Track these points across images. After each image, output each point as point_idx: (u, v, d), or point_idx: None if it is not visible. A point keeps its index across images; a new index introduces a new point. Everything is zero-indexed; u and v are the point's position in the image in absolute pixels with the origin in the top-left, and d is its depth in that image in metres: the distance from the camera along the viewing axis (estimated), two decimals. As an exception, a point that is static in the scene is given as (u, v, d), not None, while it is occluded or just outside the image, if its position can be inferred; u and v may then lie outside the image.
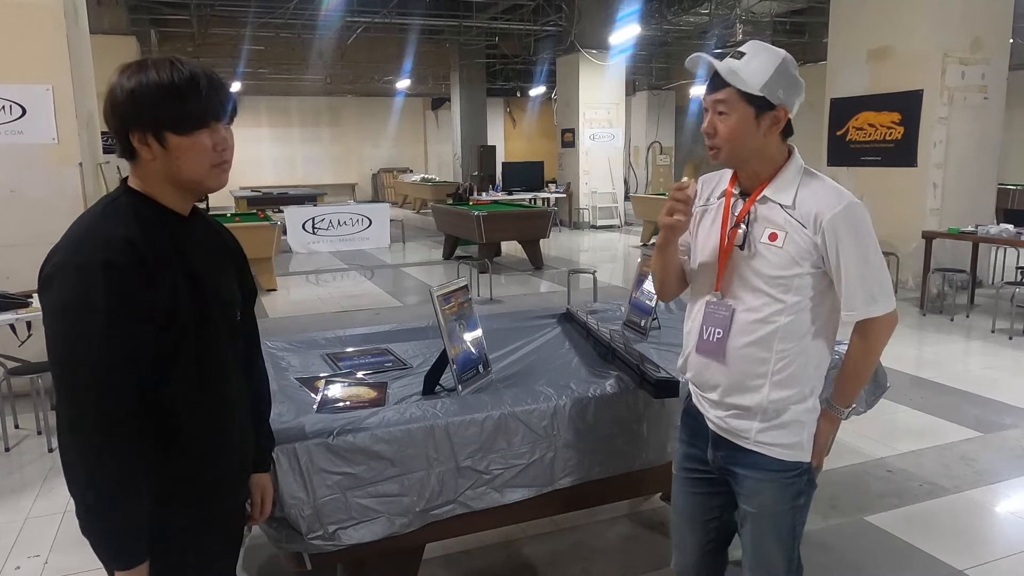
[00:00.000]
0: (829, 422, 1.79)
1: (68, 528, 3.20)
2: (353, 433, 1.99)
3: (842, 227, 1.62)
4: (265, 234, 8.69)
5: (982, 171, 8.10)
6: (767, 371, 1.70)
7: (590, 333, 2.96)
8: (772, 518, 1.77)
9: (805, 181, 1.70)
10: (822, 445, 1.78)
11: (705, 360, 1.78)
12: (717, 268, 1.75)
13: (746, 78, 1.62)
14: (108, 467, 1.26)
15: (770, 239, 1.67)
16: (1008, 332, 6.39)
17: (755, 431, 1.73)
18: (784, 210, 1.67)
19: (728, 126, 1.64)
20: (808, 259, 1.65)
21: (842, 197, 1.65)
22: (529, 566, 2.90)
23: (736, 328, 1.72)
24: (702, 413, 1.84)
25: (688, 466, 1.91)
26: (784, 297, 1.67)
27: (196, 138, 1.35)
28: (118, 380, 1.26)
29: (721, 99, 1.64)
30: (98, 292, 1.24)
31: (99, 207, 1.37)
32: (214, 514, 1.47)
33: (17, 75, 4.73)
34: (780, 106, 1.66)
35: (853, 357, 1.75)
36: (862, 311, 1.66)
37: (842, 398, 1.79)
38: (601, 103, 14.80)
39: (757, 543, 1.80)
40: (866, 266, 1.64)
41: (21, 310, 4.01)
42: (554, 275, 9.69)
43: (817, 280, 1.67)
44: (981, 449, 3.99)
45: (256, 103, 22.63)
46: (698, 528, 1.92)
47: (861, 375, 1.79)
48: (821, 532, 3.11)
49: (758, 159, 1.70)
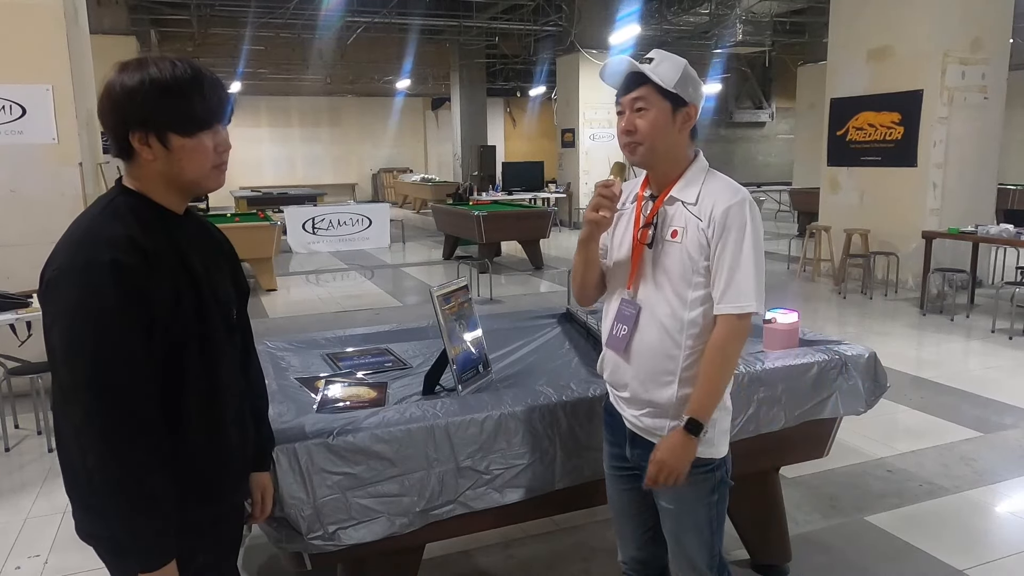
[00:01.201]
0: (673, 433, 1.71)
1: (68, 528, 3.19)
2: (353, 433, 1.99)
3: (731, 218, 1.68)
4: (265, 234, 8.68)
5: (982, 171, 8.10)
6: (676, 367, 1.75)
7: (590, 333, 2.96)
8: (689, 514, 1.82)
9: (708, 180, 1.77)
10: (658, 459, 1.70)
11: (616, 358, 1.84)
12: (630, 267, 1.80)
13: (662, 75, 1.69)
14: (137, 469, 1.25)
15: (672, 236, 1.74)
16: (1008, 332, 6.39)
17: (668, 428, 1.77)
18: (686, 207, 1.74)
19: (648, 121, 1.71)
20: (703, 253, 1.70)
21: (738, 192, 1.72)
22: (529, 566, 2.90)
23: (643, 324, 1.77)
24: (619, 412, 1.89)
25: (613, 464, 1.97)
26: (687, 293, 1.73)
27: (199, 139, 1.35)
28: (137, 379, 1.26)
29: (640, 96, 1.71)
30: (108, 292, 1.24)
31: (96, 208, 1.36)
32: (213, 513, 1.46)
33: (17, 75, 4.73)
34: (691, 103, 1.73)
35: (706, 359, 1.71)
36: (724, 304, 1.69)
37: (693, 404, 1.70)
38: (601, 103, 14.78)
39: (677, 538, 1.86)
40: (740, 259, 1.67)
41: (21, 310, 4.01)
42: (554, 275, 9.69)
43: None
44: (981, 449, 3.99)
45: (256, 103, 22.63)
46: (634, 520, 1.98)
47: (718, 380, 1.71)
48: (821, 532, 3.11)
49: (670, 159, 1.77)
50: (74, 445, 1.31)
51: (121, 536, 1.29)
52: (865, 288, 8.13)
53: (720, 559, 1.89)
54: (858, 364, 2.61)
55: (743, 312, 1.68)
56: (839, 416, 2.66)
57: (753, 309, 1.69)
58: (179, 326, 1.34)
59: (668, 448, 1.71)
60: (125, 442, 1.25)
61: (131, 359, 1.25)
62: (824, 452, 2.79)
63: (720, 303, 1.70)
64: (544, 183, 16.23)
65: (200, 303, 1.39)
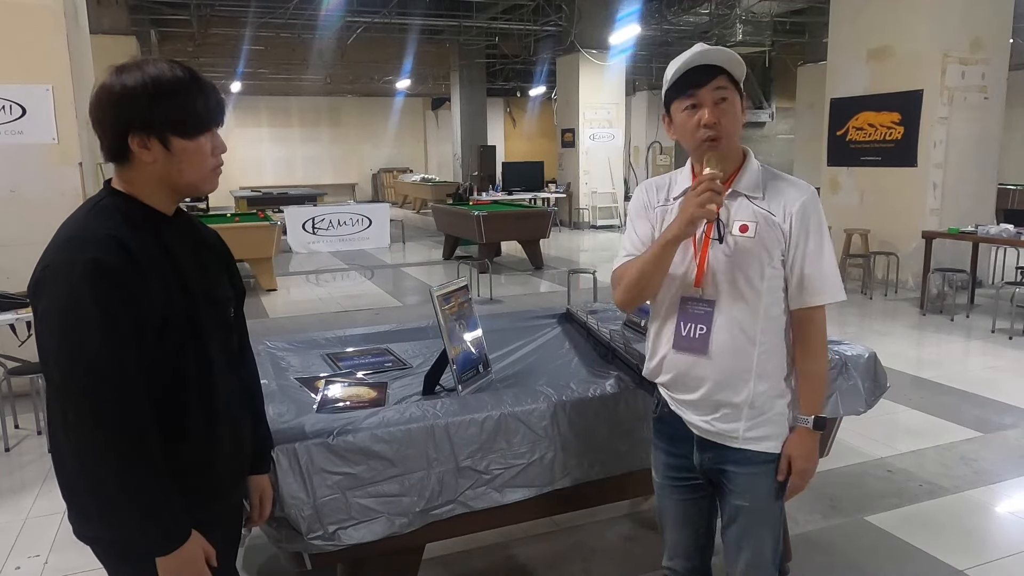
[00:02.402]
0: (803, 437, 1.75)
1: (68, 528, 3.18)
2: (353, 433, 1.99)
3: (809, 212, 1.69)
4: (265, 234, 8.69)
5: (982, 171, 8.10)
6: (751, 364, 1.72)
7: (590, 333, 2.96)
8: (765, 510, 1.79)
9: (765, 173, 1.76)
10: (801, 468, 1.74)
11: (689, 358, 1.75)
12: (695, 264, 1.73)
13: (734, 69, 1.67)
14: (134, 467, 1.26)
15: (741, 231, 1.70)
16: (1008, 332, 6.39)
17: (743, 430, 1.74)
18: (752, 202, 1.71)
19: (732, 113, 1.67)
20: (778, 247, 1.69)
21: (807, 187, 1.74)
22: (529, 566, 2.90)
23: (720, 322, 1.72)
24: (680, 418, 1.82)
25: (671, 474, 1.89)
26: (762, 287, 1.70)
27: (199, 142, 1.35)
28: (127, 379, 1.26)
29: (722, 86, 1.66)
30: (93, 292, 1.23)
31: (83, 210, 1.36)
32: (212, 513, 1.46)
33: (17, 75, 4.73)
34: (744, 94, 1.72)
35: (812, 356, 1.75)
36: (817, 296, 1.71)
37: (811, 404, 1.75)
38: (601, 103, 14.80)
39: (750, 536, 1.81)
40: (823, 251, 1.70)
41: (21, 310, 4.02)
42: (554, 275, 9.69)
43: (784, 270, 1.72)
44: (981, 449, 3.99)
45: (256, 103, 22.65)
46: (688, 529, 1.92)
47: (826, 372, 1.79)
48: (821, 532, 3.11)
49: (735, 152, 1.75)
50: (68, 445, 1.31)
51: (137, 524, 1.29)
52: (865, 288, 8.13)
53: (782, 551, 1.87)
54: (858, 364, 2.61)
55: (835, 301, 1.72)
56: (839, 416, 2.66)
57: (843, 296, 1.73)
58: (169, 326, 1.33)
59: (803, 452, 1.73)
60: (119, 441, 1.25)
61: (119, 359, 1.25)
62: (824, 452, 2.79)
63: (814, 296, 1.70)
64: (544, 183, 16.24)
65: (191, 303, 1.38)
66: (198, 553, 1.36)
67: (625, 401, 2.34)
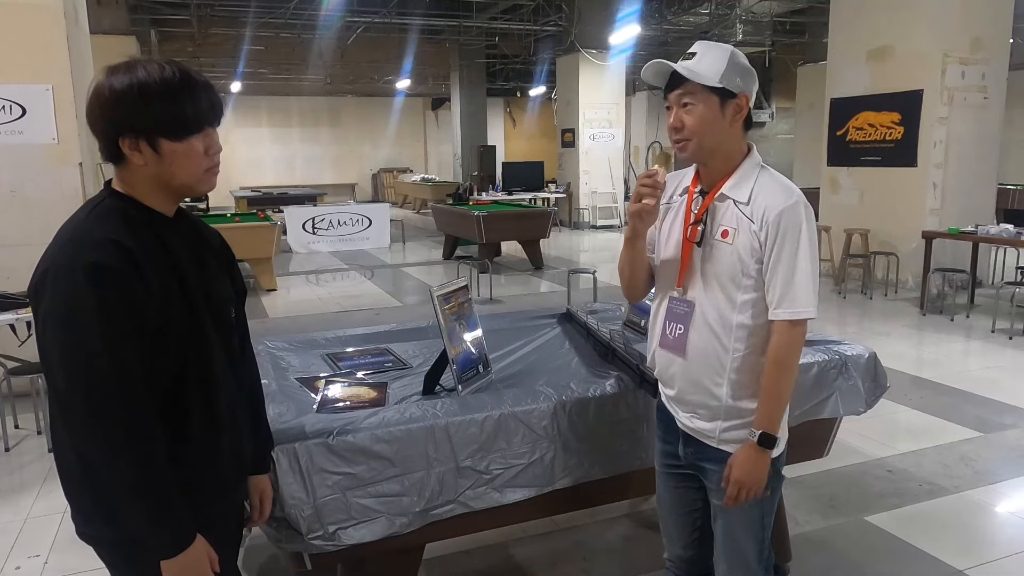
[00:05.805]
0: (747, 450, 1.70)
1: (68, 528, 3.19)
2: (353, 433, 1.99)
3: (785, 222, 1.64)
4: (265, 234, 8.69)
5: (982, 171, 8.10)
6: (724, 370, 1.72)
7: (590, 333, 2.96)
8: (742, 511, 1.79)
9: (761, 177, 1.72)
10: (737, 479, 1.70)
11: (668, 356, 1.81)
12: (679, 264, 1.77)
13: (704, 72, 1.65)
14: (136, 467, 1.26)
15: (722, 236, 1.71)
16: (1008, 332, 6.39)
17: (719, 430, 1.76)
18: (738, 207, 1.70)
19: (695, 116, 1.67)
20: (755, 256, 1.67)
21: (792, 193, 1.68)
22: (529, 566, 2.90)
23: (695, 324, 1.74)
24: (671, 411, 1.88)
25: (665, 462, 1.96)
26: (736, 295, 1.70)
27: (189, 144, 1.34)
28: (127, 380, 1.25)
29: (686, 91, 1.67)
30: (92, 294, 1.23)
31: (83, 211, 1.36)
32: (212, 514, 1.46)
33: (17, 75, 4.73)
34: (741, 93, 1.69)
35: (767, 371, 1.68)
36: (781, 310, 1.65)
37: (760, 418, 1.69)
38: (601, 103, 14.80)
39: (729, 535, 1.84)
40: (796, 264, 1.64)
41: (21, 310, 4.01)
42: (554, 275, 9.68)
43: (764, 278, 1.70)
44: (981, 449, 3.99)
45: (256, 103, 22.64)
46: (682, 519, 1.96)
47: (781, 390, 1.68)
48: (821, 532, 3.11)
49: (722, 154, 1.73)
50: (70, 447, 1.31)
51: (145, 527, 1.29)
52: (865, 288, 8.13)
53: (768, 553, 1.87)
54: (858, 364, 2.61)
55: (800, 318, 1.65)
56: (839, 416, 2.66)
57: (811, 315, 1.65)
58: (170, 327, 1.33)
59: (743, 466, 1.69)
60: (123, 444, 1.25)
61: (121, 361, 1.25)
62: (824, 452, 2.80)
63: (777, 309, 1.65)
64: (544, 183, 16.23)
65: (191, 304, 1.38)
66: (203, 556, 1.36)
67: (625, 401, 2.34)
